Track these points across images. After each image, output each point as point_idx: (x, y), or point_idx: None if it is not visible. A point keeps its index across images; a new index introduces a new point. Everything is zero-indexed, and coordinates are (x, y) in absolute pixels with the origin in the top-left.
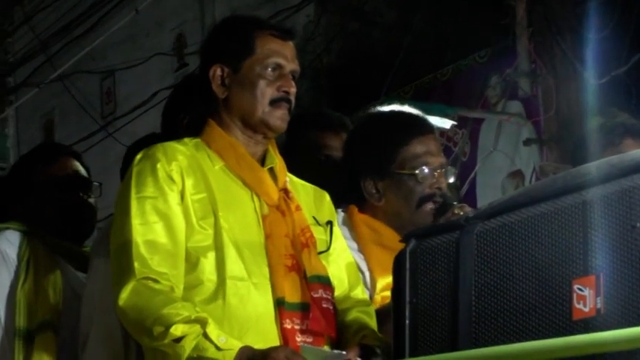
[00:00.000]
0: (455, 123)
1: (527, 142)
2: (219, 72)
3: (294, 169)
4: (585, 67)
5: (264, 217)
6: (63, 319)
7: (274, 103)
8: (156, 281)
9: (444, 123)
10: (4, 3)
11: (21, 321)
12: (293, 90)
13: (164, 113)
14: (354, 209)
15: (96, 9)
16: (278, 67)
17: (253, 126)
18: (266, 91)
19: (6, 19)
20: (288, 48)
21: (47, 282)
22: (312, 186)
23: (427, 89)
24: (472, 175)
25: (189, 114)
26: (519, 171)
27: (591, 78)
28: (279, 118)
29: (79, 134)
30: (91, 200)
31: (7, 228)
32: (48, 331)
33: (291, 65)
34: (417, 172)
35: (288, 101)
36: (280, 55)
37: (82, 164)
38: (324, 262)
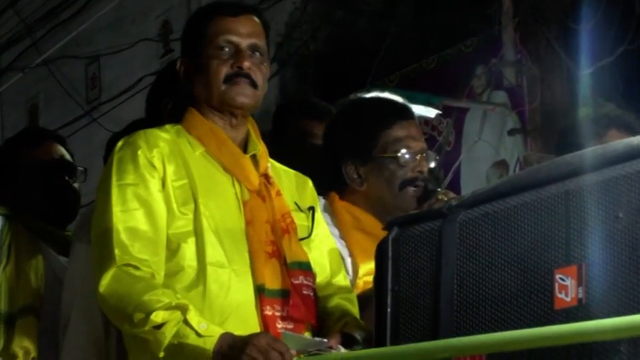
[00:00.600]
0: (439, 112)
1: (511, 132)
2: (182, 65)
3: (280, 156)
4: (571, 57)
5: (244, 203)
6: (44, 304)
7: (229, 80)
8: (136, 268)
9: (428, 112)
10: None
11: (1, 305)
12: (247, 64)
13: (148, 99)
14: (335, 196)
15: None
16: (230, 44)
17: (217, 108)
18: (219, 70)
19: None
20: (242, 23)
21: (29, 266)
22: (295, 172)
23: (413, 78)
24: (456, 164)
25: (173, 99)
26: (504, 161)
27: (577, 69)
28: (238, 93)
29: (64, 119)
30: (76, 185)
31: None
32: (30, 315)
33: (248, 40)
34: (398, 155)
35: (246, 76)
36: (231, 32)
37: (67, 149)
38: (305, 249)
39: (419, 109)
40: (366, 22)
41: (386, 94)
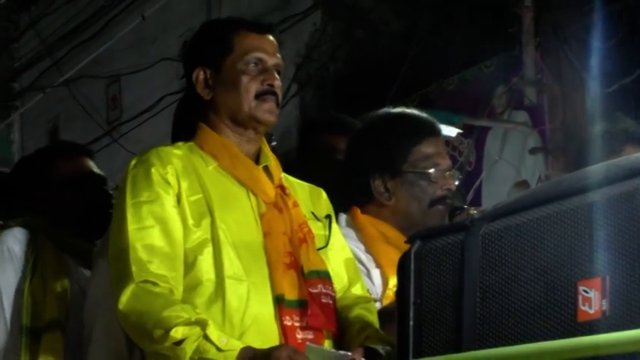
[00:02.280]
0: (461, 131)
1: (532, 151)
2: (202, 75)
3: (306, 172)
4: (592, 76)
5: (261, 216)
6: (69, 318)
7: (260, 96)
8: (155, 284)
9: (450, 131)
10: (10, 8)
11: (28, 319)
12: (277, 83)
13: (173, 123)
14: (357, 210)
15: (102, 14)
16: (259, 61)
17: (242, 122)
18: (250, 86)
19: (11, 24)
20: (268, 42)
21: (55, 280)
22: (309, 184)
23: (433, 98)
24: (477, 184)
25: (188, 120)
26: (525, 181)
27: (598, 87)
28: (267, 111)
29: (84, 140)
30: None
31: (14, 226)
32: (56, 330)
33: (273, 59)
34: (430, 171)
35: (274, 94)
36: (260, 50)
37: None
38: (323, 258)
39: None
40: (386, 42)
41: (413, 110)
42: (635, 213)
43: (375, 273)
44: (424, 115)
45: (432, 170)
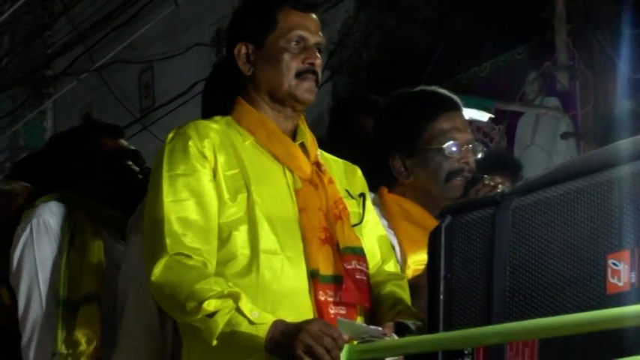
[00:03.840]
0: (492, 116)
1: (564, 136)
2: (243, 50)
3: (338, 153)
4: (624, 61)
5: (297, 191)
6: (104, 291)
7: (300, 75)
8: (188, 257)
9: (481, 116)
10: None
11: (65, 292)
12: (318, 62)
13: (203, 99)
14: (384, 189)
15: (135, 1)
16: (302, 39)
17: (281, 100)
18: (291, 64)
19: (45, 12)
20: (311, 20)
21: (91, 253)
22: (344, 161)
23: (465, 85)
24: None
25: (224, 95)
26: None
27: (630, 72)
28: (306, 90)
29: None
30: None
31: (50, 199)
32: (93, 302)
33: (315, 38)
34: (444, 146)
35: (314, 73)
36: (303, 28)
37: None
38: (357, 235)
39: (472, 113)
40: (419, 29)
41: (432, 87)
42: None
43: (396, 251)
44: (441, 90)
45: (446, 145)
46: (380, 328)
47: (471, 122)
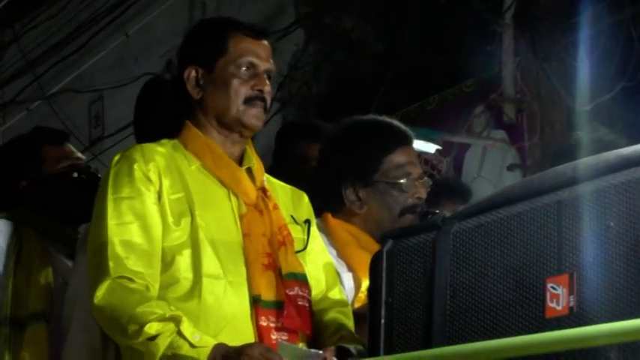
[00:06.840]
0: (439, 147)
1: (510, 168)
2: (193, 73)
3: (283, 177)
4: (570, 94)
5: (241, 216)
6: (53, 309)
7: (248, 101)
8: (131, 280)
9: (428, 147)
10: None
11: (9, 310)
12: (267, 89)
13: (135, 119)
14: (329, 215)
15: (85, 29)
16: (251, 65)
17: (228, 125)
18: (240, 90)
19: None
20: (262, 47)
21: (38, 271)
22: (291, 187)
23: (413, 118)
24: None
25: (158, 116)
26: None
27: (576, 105)
28: (254, 117)
29: None
30: None
31: None
32: (40, 320)
33: (266, 64)
34: (402, 181)
35: (263, 99)
36: (253, 54)
37: None
38: (301, 261)
39: (419, 145)
40: (368, 63)
41: (384, 118)
42: (603, 210)
43: (347, 277)
44: (395, 123)
45: (403, 180)
46: (321, 352)
47: (419, 154)
